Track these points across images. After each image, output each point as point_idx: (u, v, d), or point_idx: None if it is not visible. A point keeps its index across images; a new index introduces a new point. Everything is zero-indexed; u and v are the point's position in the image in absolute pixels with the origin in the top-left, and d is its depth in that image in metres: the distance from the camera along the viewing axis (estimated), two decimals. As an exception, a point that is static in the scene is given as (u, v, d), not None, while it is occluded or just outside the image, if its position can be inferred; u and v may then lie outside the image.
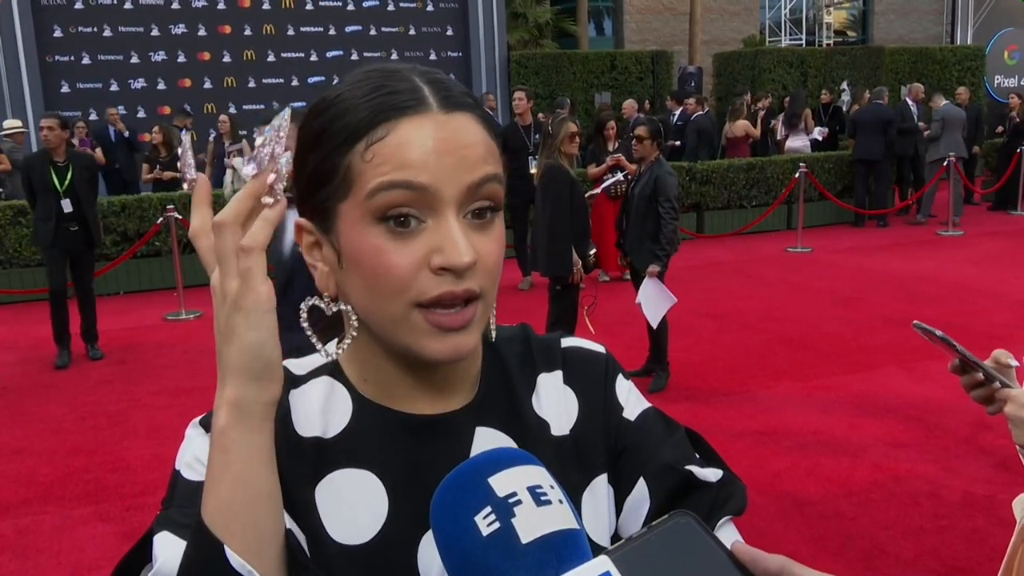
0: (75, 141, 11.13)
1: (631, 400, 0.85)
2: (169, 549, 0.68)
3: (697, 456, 0.82)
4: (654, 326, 5.42)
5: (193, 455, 0.74)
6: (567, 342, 0.87)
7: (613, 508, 0.81)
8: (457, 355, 0.71)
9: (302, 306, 0.74)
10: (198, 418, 0.77)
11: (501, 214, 0.74)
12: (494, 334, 0.82)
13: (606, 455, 0.81)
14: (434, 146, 0.68)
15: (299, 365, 0.81)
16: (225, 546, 0.62)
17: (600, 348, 0.88)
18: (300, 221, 0.76)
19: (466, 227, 0.70)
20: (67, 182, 6.27)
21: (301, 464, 0.74)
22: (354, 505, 0.74)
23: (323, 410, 0.77)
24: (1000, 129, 13.27)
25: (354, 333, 0.75)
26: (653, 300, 5.32)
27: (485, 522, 0.60)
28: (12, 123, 10.62)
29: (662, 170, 5.43)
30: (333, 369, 0.80)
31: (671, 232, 5.34)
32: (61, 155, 6.28)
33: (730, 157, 11.71)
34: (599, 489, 0.80)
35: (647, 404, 0.86)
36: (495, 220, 0.73)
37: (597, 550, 0.58)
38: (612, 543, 0.55)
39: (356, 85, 0.72)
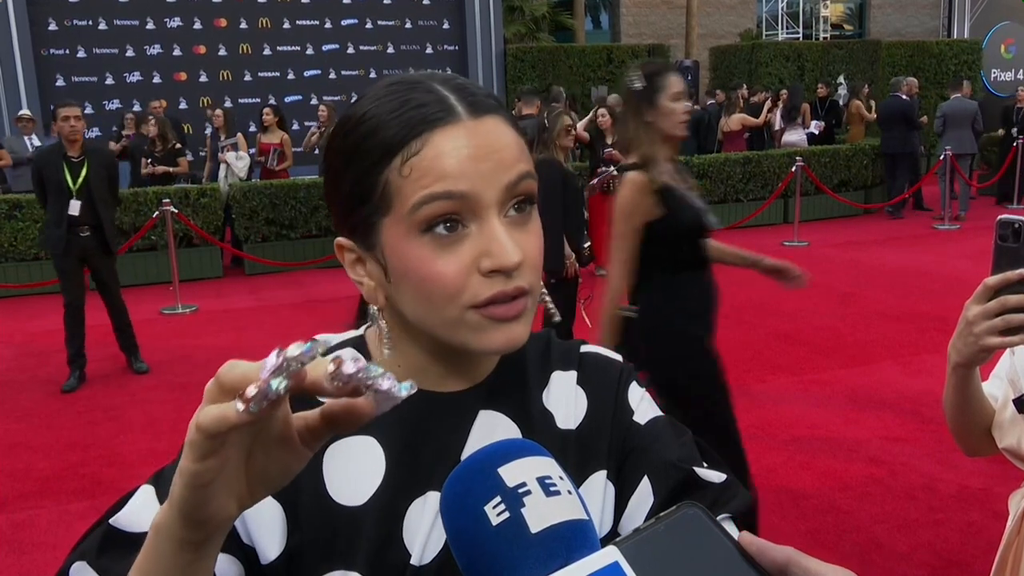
0: (126, 134, 10.84)
1: (643, 406, 0.86)
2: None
3: (704, 464, 0.83)
4: None
5: (131, 511, 0.78)
6: (586, 348, 0.90)
7: (611, 506, 0.82)
8: (512, 345, 0.74)
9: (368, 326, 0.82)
10: (156, 473, 0.81)
11: (536, 208, 0.77)
12: (557, 317, 0.87)
13: (608, 454, 0.83)
14: (469, 153, 0.71)
15: (330, 338, 0.85)
16: None
17: (618, 357, 0.91)
18: (340, 241, 0.79)
19: (508, 226, 0.73)
20: (80, 180, 5.58)
21: None
22: (356, 469, 0.78)
23: None
24: (1001, 131, 13.16)
25: (387, 350, 0.81)
26: None
27: (495, 512, 0.60)
28: (26, 112, 10.60)
29: None
30: (358, 343, 0.84)
31: None
32: (77, 150, 5.59)
33: (726, 152, 11.71)
34: (596, 485, 0.81)
35: (659, 412, 0.87)
36: (532, 212, 0.76)
37: (604, 542, 0.58)
38: (606, 540, 0.55)
39: (381, 101, 0.74)
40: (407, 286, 0.74)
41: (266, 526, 0.75)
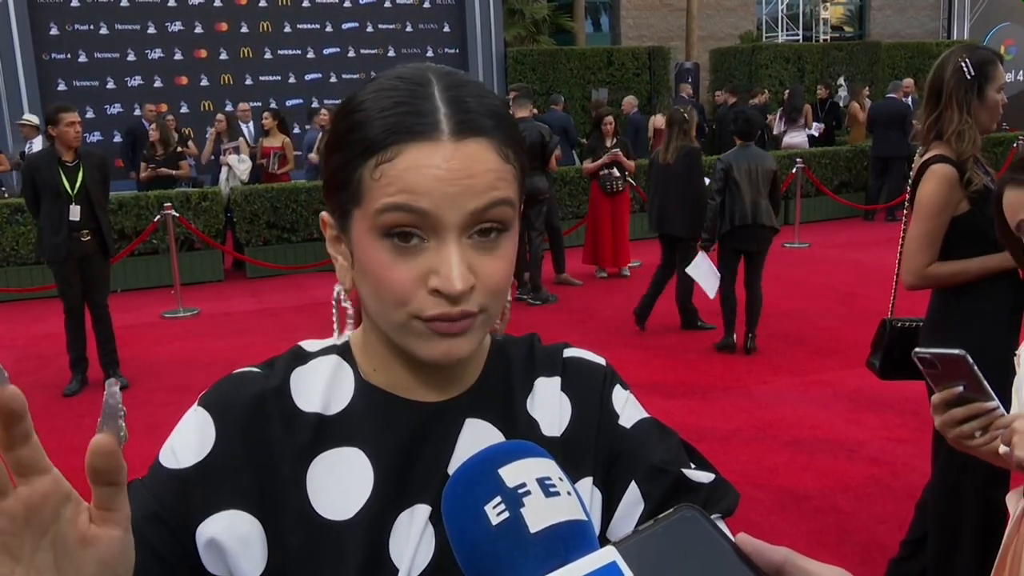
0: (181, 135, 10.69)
1: (627, 409, 0.86)
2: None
3: (692, 465, 0.83)
4: (711, 296, 6.08)
5: (174, 443, 0.82)
6: (569, 352, 0.90)
7: (599, 512, 0.82)
8: (449, 358, 0.74)
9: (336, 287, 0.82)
10: (201, 395, 0.83)
11: (512, 233, 0.75)
12: (500, 330, 0.86)
13: (594, 459, 0.83)
14: (438, 175, 0.70)
15: (313, 344, 0.86)
16: None
17: (601, 360, 0.90)
18: (324, 216, 0.81)
19: (469, 248, 0.72)
20: (78, 185, 5.56)
21: (296, 437, 0.78)
22: (343, 482, 0.77)
23: (327, 387, 0.81)
24: (1006, 126, 13.13)
25: (345, 332, 0.80)
26: (705, 274, 6.08)
27: (495, 511, 0.61)
28: (30, 117, 10.56)
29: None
30: (343, 350, 0.84)
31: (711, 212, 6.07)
32: (72, 154, 5.58)
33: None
34: (582, 492, 0.81)
35: (644, 414, 0.87)
36: (502, 240, 0.74)
37: (602, 543, 0.58)
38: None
39: (380, 95, 0.73)
40: (365, 281, 0.76)
41: (244, 548, 0.75)
